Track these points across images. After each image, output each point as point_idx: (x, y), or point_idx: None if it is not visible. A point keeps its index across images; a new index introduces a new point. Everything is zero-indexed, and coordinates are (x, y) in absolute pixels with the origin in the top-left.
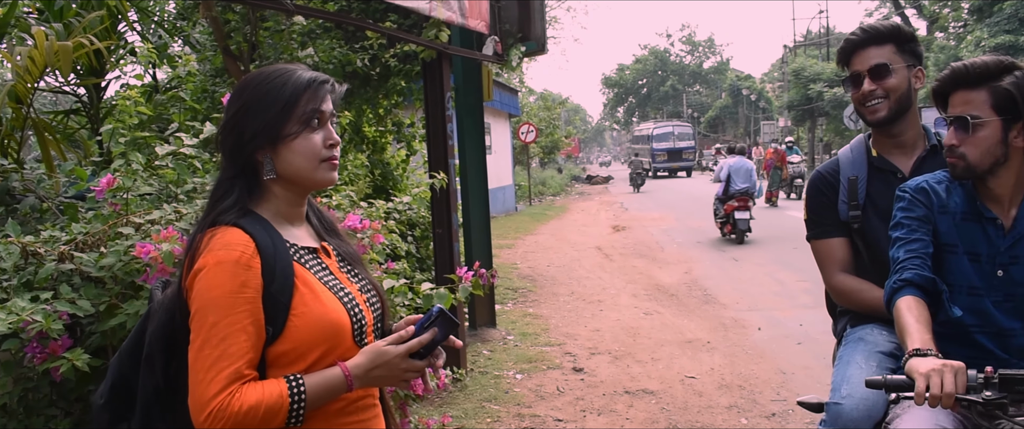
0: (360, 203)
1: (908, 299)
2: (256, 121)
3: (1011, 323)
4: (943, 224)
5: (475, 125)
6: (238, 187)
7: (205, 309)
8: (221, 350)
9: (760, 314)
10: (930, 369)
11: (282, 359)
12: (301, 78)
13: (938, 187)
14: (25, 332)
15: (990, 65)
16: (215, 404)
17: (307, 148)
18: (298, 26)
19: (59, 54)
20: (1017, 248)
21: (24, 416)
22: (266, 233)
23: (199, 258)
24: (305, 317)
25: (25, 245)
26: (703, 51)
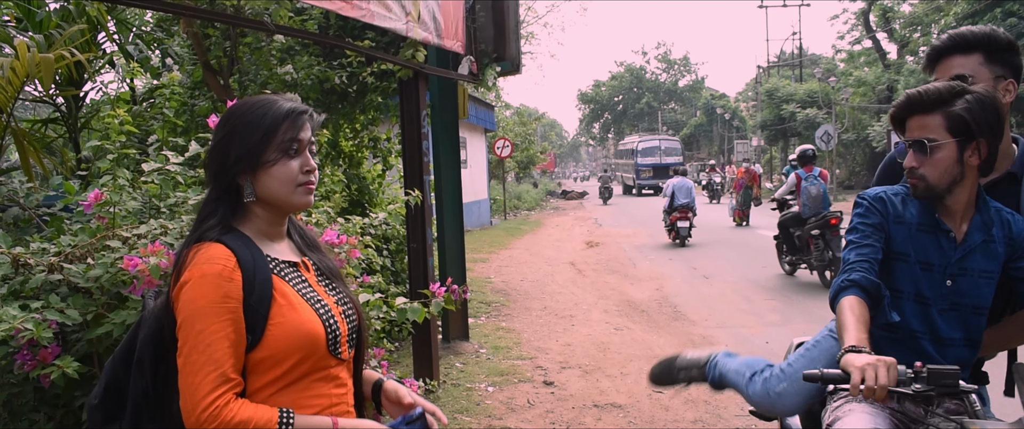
0: (337, 219)
1: (851, 299)
2: (239, 148)
3: (953, 333)
4: (898, 233)
5: (450, 141)
6: (222, 207)
7: (192, 318)
8: (207, 355)
9: (728, 331)
10: (865, 363)
11: (261, 365)
12: (281, 108)
13: (895, 198)
14: (15, 340)
15: (943, 91)
16: (207, 404)
17: (284, 174)
18: (277, 43)
19: (41, 66)
20: (967, 260)
21: (9, 420)
22: (247, 249)
23: (185, 272)
24: (282, 326)
25: (15, 256)
26: (678, 69)
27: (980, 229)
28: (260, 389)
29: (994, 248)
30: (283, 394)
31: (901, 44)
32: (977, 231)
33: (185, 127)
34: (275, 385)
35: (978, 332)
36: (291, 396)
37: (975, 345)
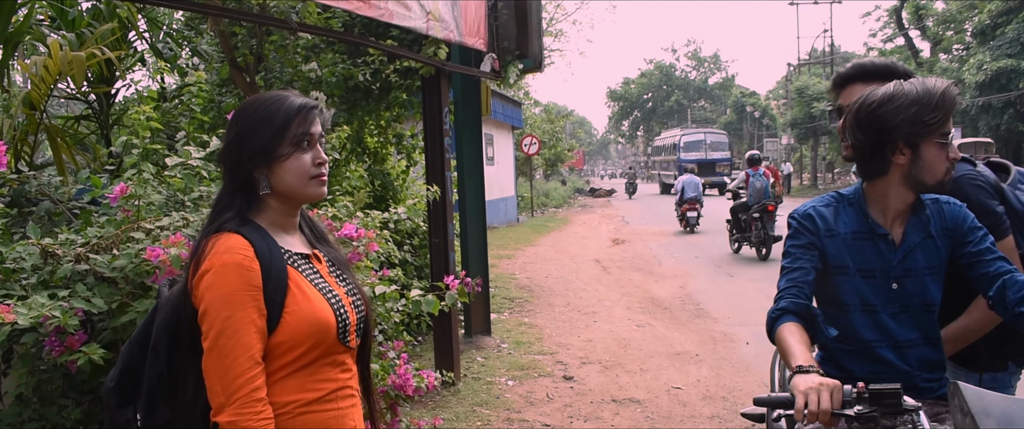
0: (357, 213)
1: (787, 325)
2: (253, 143)
3: (908, 334)
4: (832, 247)
5: (474, 138)
6: (238, 200)
7: (217, 305)
8: (237, 340)
9: (749, 329)
10: (808, 387)
11: (277, 350)
12: (293, 104)
13: (826, 211)
14: (43, 327)
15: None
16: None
17: (298, 167)
18: (302, 41)
19: (73, 64)
20: (908, 261)
21: (39, 405)
22: (263, 240)
23: (205, 261)
24: (296, 315)
25: (44, 247)
26: (708, 67)
27: (918, 229)
28: (273, 372)
29: (934, 244)
30: (294, 377)
31: (934, 42)
32: (914, 231)
33: (212, 123)
34: (287, 369)
35: (935, 329)
36: (300, 380)
37: (936, 342)
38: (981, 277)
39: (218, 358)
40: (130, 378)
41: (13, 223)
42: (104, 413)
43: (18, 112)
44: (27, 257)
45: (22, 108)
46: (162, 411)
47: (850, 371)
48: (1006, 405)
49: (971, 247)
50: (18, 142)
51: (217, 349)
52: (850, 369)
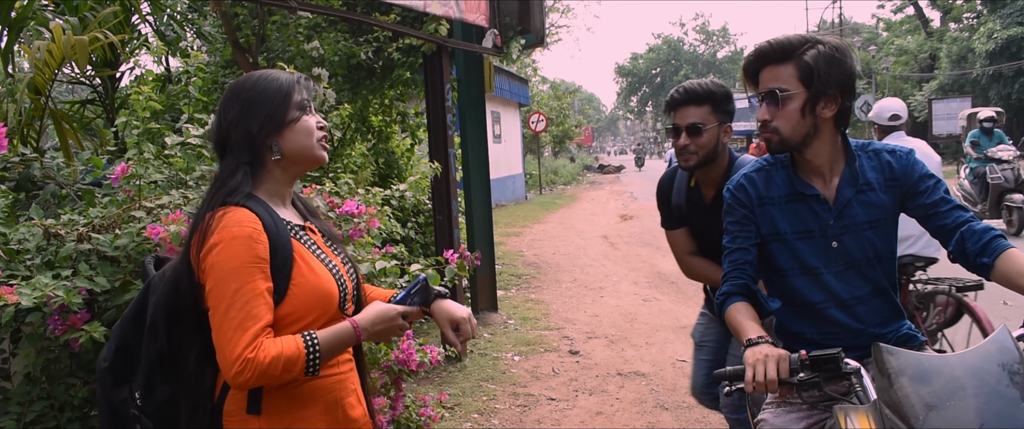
0: (358, 190)
1: (734, 305)
2: (262, 112)
3: (855, 291)
4: (765, 214)
5: (477, 115)
6: (242, 172)
7: (226, 278)
8: (246, 312)
9: None
10: (755, 359)
11: (284, 321)
12: (289, 76)
13: (757, 177)
14: (48, 306)
15: (793, 41)
16: (246, 356)
17: (306, 128)
18: (304, 20)
19: (76, 48)
20: (844, 218)
21: (47, 384)
22: (268, 213)
23: (213, 235)
24: (303, 286)
25: (47, 227)
26: (717, 40)
27: (850, 183)
28: None
29: (872, 197)
30: None
31: (944, 11)
32: (847, 186)
33: (214, 105)
34: None
35: (883, 280)
36: None
37: (886, 292)
38: (939, 230)
39: (226, 331)
40: (124, 357)
41: (19, 206)
42: (98, 392)
43: (23, 97)
44: (30, 238)
45: (27, 93)
46: (162, 388)
47: (799, 334)
48: (919, 362)
49: (924, 198)
50: (24, 127)
51: (226, 322)
52: (799, 332)
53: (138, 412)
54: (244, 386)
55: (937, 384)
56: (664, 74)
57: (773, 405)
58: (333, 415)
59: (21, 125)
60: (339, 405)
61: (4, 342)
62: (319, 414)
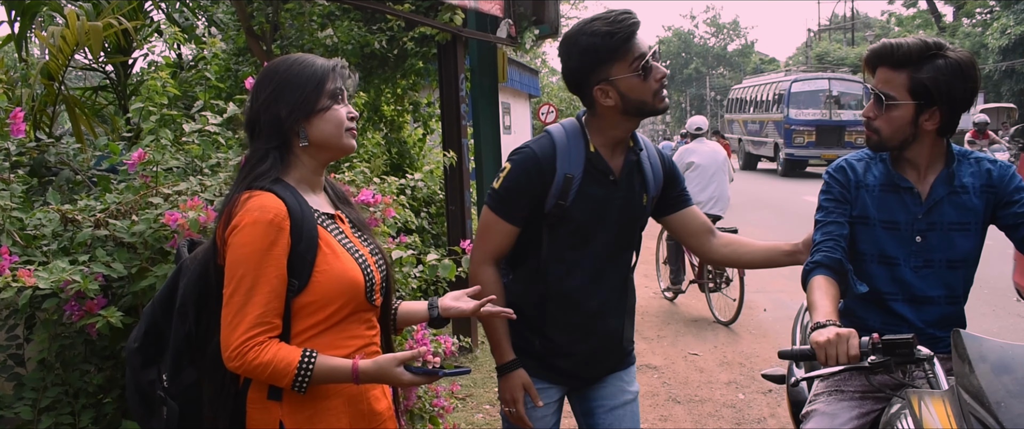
0: (374, 179)
1: (818, 278)
2: (292, 97)
3: (931, 290)
4: (859, 198)
5: (490, 106)
6: (272, 157)
7: (237, 262)
8: (247, 298)
9: (767, 296)
10: (826, 340)
11: (306, 309)
12: (326, 62)
13: (858, 164)
14: (64, 292)
15: (913, 51)
16: (238, 344)
17: (335, 118)
18: (319, 8)
19: (90, 34)
20: (933, 214)
21: (61, 370)
22: (295, 199)
23: (235, 216)
24: (327, 274)
25: (64, 212)
26: (727, 33)
27: (945, 182)
28: (304, 331)
29: (965, 200)
30: (324, 335)
31: (957, 6)
32: (941, 185)
33: (228, 92)
34: (318, 327)
35: (959, 287)
36: (330, 337)
37: (958, 300)
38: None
39: (227, 314)
40: (154, 339)
41: (33, 192)
42: (127, 373)
43: (37, 83)
44: (47, 223)
45: (41, 79)
46: (189, 371)
47: (863, 321)
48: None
49: (1017, 207)
50: (37, 112)
51: (230, 305)
52: (863, 318)
53: (164, 394)
54: (232, 371)
55: (1020, 372)
56: (674, 66)
57: (825, 394)
58: (357, 407)
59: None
60: (363, 397)
61: (18, 328)
62: (342, 405)
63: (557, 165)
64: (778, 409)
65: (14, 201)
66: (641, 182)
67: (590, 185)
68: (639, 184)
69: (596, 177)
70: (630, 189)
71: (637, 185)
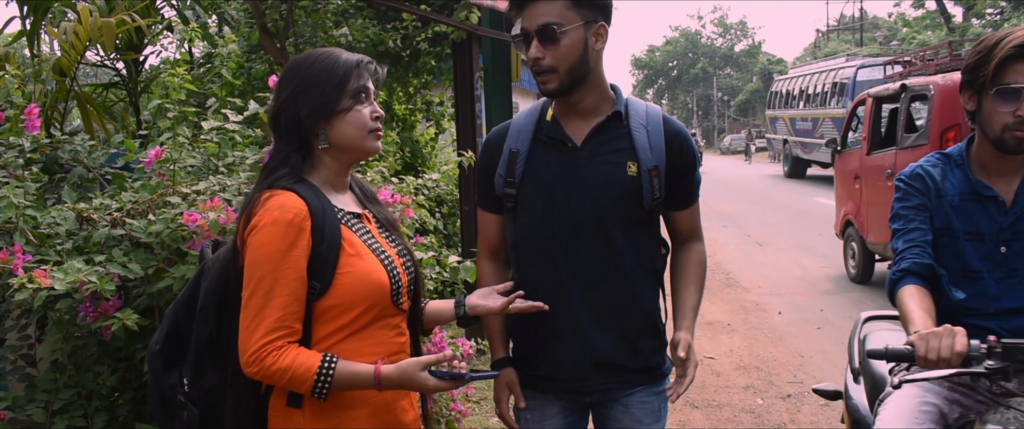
0: (391, 179)
1: (908, 288)
2: (313, 97)
3: (1014, 301)
4: (940, 209)
5: (503, 104)
6: (294, 157)
7: (255, 263)
8: (265, 300)
9: (781, 298)
10: (929, 332)
11: (328, 313)
12: (350, 59)
13: (933, 171)
14: (79, 292)
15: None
16: (255, 349)
17: (358, 120)
18: (333, 5)
19: (103, 30)
20: (1019, 224)
21: (74, 372)
22: (317, 198)
23: (255, 216)
24: (350, 275)
25: (80, 211)
26: (735, 34)
27: None
28: (326, 337)
29: None
30: (348, 342)
31: (967, 7)
32: None
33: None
34: (341, 333)
35: None
36: (355, 344)
37: None
38: None
39: (246, 317)
40: (176, 341)
41: (45, 189)
42: (148, 376)
43: (49, 79)
44: (62, 222)
45: (53, 75)
46: (210, 375)
47: None
48: None
49: None
50: (49, 109)
51: (248, 308)
52: None
53: (184, 398)
54: (250, 376)
55: None
56: (681, 67)
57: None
58: (383, 417)
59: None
60: (390, 408)
61: (30, 328)
62: (367, 416)
63: (505, 143)
64: (797, 415)
65: (28, 199)
66: (627, 150)
67: (542, 156)
68: (622, 151)
69: (552, 146)
70: (601, 156)
71: (617, 152)
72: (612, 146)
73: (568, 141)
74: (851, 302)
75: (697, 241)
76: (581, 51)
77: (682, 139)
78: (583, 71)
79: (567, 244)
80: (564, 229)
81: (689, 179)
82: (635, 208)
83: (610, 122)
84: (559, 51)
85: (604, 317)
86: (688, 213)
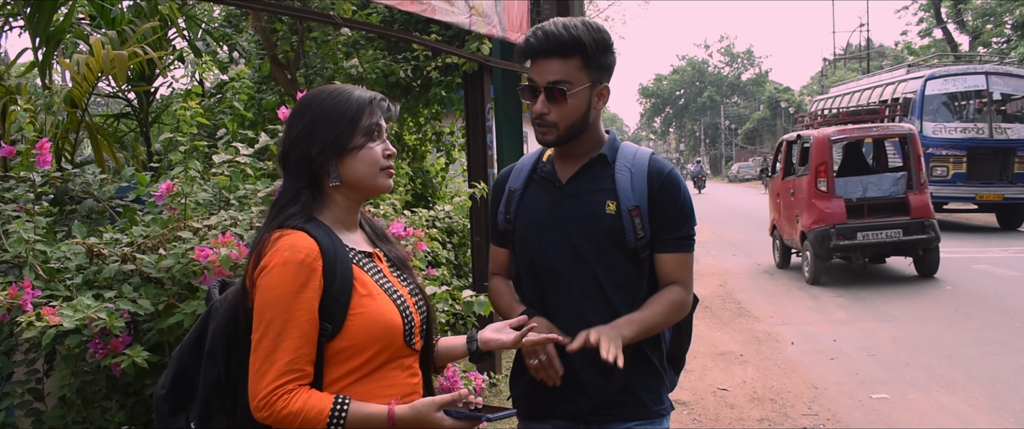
0: (404, 211)
1: None
2: (324, 135)
3: None
4: None
5: (514, 134)
6: (304, 195)
7: (266, 305)
8: (276, 344)
9: (794, 328)
10: None
11: (340, 355)
12: (363, 96)
13: None
14: (88, 329)
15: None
16: (267, 392)
17: (370, 158)
18: (343, 37)
19: (115, 62)
20: None
21: (82, 407)
22: (329, 238)
23: (265, 256)
24: (362, 317)
25: (90, 246)
26: (742, 62)
27: None
28: (338, 379)
29: None
30: (361, 384)
31: (973, 36)
32: None
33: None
34: (353, 375)
35: None
36: (368, 386)
37: None
38: None
39: (256, 360)
40: (183, 385)
41: (56, 221)
42: (155, 421)
43: (60, 110)
44: (72, 257)
45: (64, 106)
46: (219, 419)
47: None
48: None
49: None
50: (60, 140)
51: (258, 351)
52: None
53: None
54: (261, 421)
55: None
56: (688, 95)
57: None
58: None
59: (57, 138)
60: None
61: (38, 362)
62: None
63: (508, 182)
64: None
65: (38, 233)
66: (609, 189)
67: (534, 193)
68: (603, 190)
69: (543, 185)
70: (582, 194)
71: (598, 191)
72: (595, 185)
73: (556, 180)
74: (863, 333)
75: (680, 286)
76: (584, 110)
77: (664, 177)
78: (582, 127)
79: (556, 280)
80: (551, 264)
81: (676, 222)
82: (618, 247)
83: (596, 163)
84: (564, 110)
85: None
86: (674, 259)
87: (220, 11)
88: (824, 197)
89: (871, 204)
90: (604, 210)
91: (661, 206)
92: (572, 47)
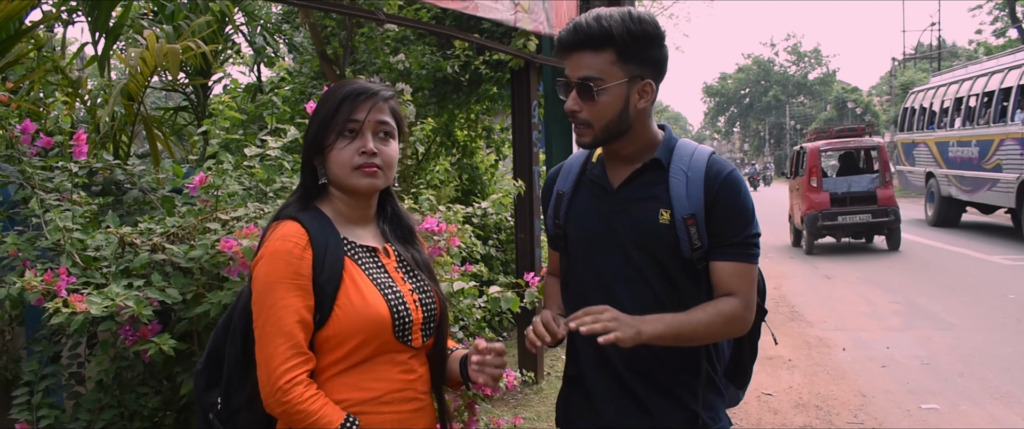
0: (440, 207)
1: None
2: (311, 132)
3: None
4: None
5: (563, 132)
6: (303, 187)
7: (264, 292)
8: (278, 327)
9: (846, 334)
10: None
11: (326, 344)
12: (349, 91)
13: None
14: (119, 316)
15: None
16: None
17: (340, 157)
18: (392, 33)
19: (168, 56)
20: None
21: (118, 392)
22: (322, 228)
23: (260, 247)
24: (346, 308)
25: (123, 236)
26: (809, 62)
27: None
28: (324, 368)
29: None
30: (347, 375)
31: None
32: None
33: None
34: (339, 365)
35: None
36: (354, 377)
37: None
38: None
39: (262, 347)
40: (215, 362)
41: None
42: (194, 394)
43: (116, 102)
44: (106, 246)
45: (121, 99)
46: (239, 395)
47: None
48: None
49: None
50: (117, 132)
51: (263, 337)
52: None
53: (214, 416)
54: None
55: None
56: (753, 94)
57: None
58: None
59: (114, 131)
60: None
61: (80, 346)
62: None
63: (556, 184)
64: None
65: (77, 222)
66: (663, 197)
67: (584, 198)
68: (657, 198)
69: (593, 190)
70: (633, 202)
71: (650, 199)
72: (648, 192)
73: (606, 185)
74: (919, 341)
75: (736, 298)
76: (620, 108)
77: (722, 180)
78: (621, 128)
79: (607, 291)
80: (603, 275)
81: (733, 228)
82: (674, 258)
83: (649, 167)
84: (595, 107)
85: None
86: (730, 268)
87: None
88: (815, 191)
89: (851, 196)
90: (657, 220)
91: (717, 210)
92: (603, 40)
